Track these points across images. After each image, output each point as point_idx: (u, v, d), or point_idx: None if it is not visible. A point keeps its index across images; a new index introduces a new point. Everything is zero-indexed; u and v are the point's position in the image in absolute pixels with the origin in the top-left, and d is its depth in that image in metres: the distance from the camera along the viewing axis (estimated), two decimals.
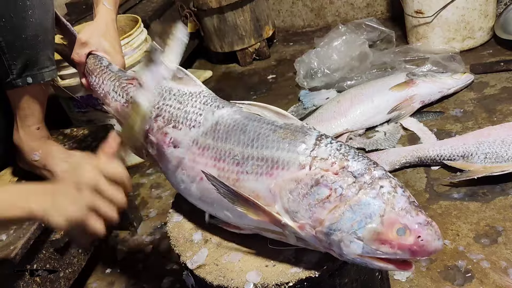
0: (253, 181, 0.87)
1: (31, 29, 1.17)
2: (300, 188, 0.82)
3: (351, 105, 1.93)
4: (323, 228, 0.79)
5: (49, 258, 1.31)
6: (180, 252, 1.00)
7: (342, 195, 0.78)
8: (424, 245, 0.75)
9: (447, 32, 2.23)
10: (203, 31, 2.92)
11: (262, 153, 0.87)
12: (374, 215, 0.76)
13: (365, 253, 0.77)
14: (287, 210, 0.83)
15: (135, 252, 1.64)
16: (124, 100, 1.10)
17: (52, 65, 1.27)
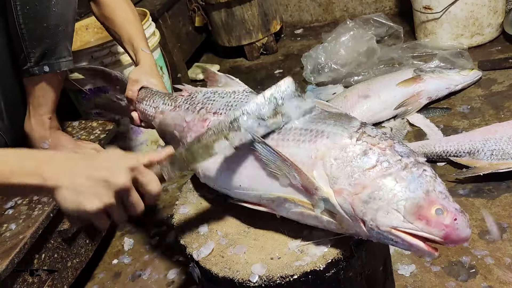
0: (294, 147, 0.88)
1: (53, 18, 1.21)
2: (346, 155, 0.83)
3: (357, 100, 1.93)
4: (363, 195, 0.79)
5: (57, 248, 1.33)
6: (186, 243, 1.01)
7: (388, 168, 0.80)
8: (458, 228, 0.76)
9: (456, 28, 2.22)
10: (211, 25, 2.93)
11: (306, 125, 0.90)
12: (417, 190, 0.78)
13: (400, 226, 0.77)
14: (327, 175, 0.83)
15: (141, 243, 1.66)
16: (172, 107, 1.16)
17: (69, 56, 1.30)
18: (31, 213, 1.27)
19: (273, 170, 0.88)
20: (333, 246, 0.90)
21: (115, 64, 1.90)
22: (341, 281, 0.91)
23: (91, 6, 1.44)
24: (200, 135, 0.92)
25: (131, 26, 1.37)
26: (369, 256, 0.96)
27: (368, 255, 0.95)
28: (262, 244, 0.96)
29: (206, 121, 1.05)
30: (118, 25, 1.36)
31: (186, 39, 2.80)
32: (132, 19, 1.39)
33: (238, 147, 0.90)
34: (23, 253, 1.16)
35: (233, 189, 0.99)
